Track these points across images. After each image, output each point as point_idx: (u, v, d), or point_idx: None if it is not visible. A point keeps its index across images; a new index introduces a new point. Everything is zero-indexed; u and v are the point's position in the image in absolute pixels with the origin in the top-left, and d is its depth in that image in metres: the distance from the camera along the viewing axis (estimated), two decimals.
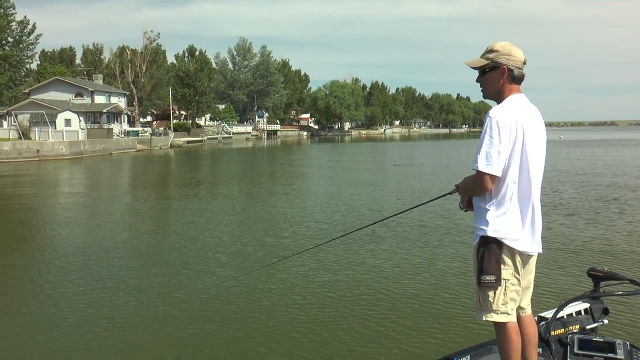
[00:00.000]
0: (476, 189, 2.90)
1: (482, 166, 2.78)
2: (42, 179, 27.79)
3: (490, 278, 2.85)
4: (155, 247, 10.43)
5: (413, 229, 11.39)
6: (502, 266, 2.85)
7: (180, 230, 12.09)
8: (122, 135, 60.34)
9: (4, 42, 67.21)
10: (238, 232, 11.83)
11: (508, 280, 2.87)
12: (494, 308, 2.86)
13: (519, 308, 2.99)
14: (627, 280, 3.51)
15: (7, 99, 67.99)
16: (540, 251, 2.97)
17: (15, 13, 71.16)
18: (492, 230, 2.85)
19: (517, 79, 2.93)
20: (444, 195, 3.55)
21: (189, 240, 10.96)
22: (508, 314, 2.88)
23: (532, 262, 3.05)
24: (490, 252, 2.85)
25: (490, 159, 2.77)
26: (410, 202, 15.78)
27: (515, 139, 2.81)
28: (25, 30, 74.10)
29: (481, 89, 3.04)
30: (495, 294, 2.86)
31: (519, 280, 2.91)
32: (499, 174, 2.80)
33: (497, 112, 2.83)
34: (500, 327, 2.89)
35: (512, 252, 2.87)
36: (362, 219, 12.71)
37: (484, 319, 2.91)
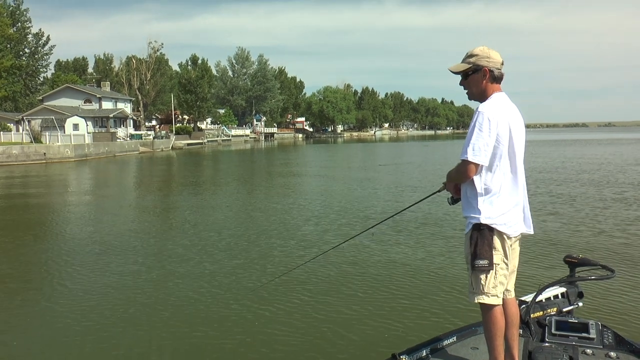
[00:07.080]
0: (460, 176, 2.97)
1: (470, 156, 2.85)
2: (49, 179, 27.73)
3: (483, 262, 2.88)
4: (151, 245, 10.42)
5: (405, 224, 11.41)
6: (494, 251, 2.89)
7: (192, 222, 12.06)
8: (127, 139, 60.05)
9: (20, 52, 66.86)
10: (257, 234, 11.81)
11: (498, 264, 2.91)
12: (485, 291, 2.90)
13: (505, 290, 3.03)
14: (600, 266, 3.58)
15: (24, 105, 67.64)
16: (532, 232, 3.02)
17: (32, 26, 70.84)
18: (485, 217, 2.89)
19: (498, 79, 3.01)
20: (434, 193, 3.58)
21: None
22: (497, 296, 2.92)
23: (517, 248, 3.11)
24: (483, 237, 2.89)
25: (478, 149, 2.84)
26: (401, 199, 15.83)
27: (502, 132, 2.87)
28: (40, 42, 73.71)
29: (466, 91, 3.09)
30: (487, 277, 2.90)
31: (507, 265, 2.96)
32: (485, 163, 2.87)
33: (487, 108, 2.90)
34: (488, 308, 2.92)
35: (503, 238, 2.91)
36: (361, 221, 12.69)
37: (476, 301, 2.94)
